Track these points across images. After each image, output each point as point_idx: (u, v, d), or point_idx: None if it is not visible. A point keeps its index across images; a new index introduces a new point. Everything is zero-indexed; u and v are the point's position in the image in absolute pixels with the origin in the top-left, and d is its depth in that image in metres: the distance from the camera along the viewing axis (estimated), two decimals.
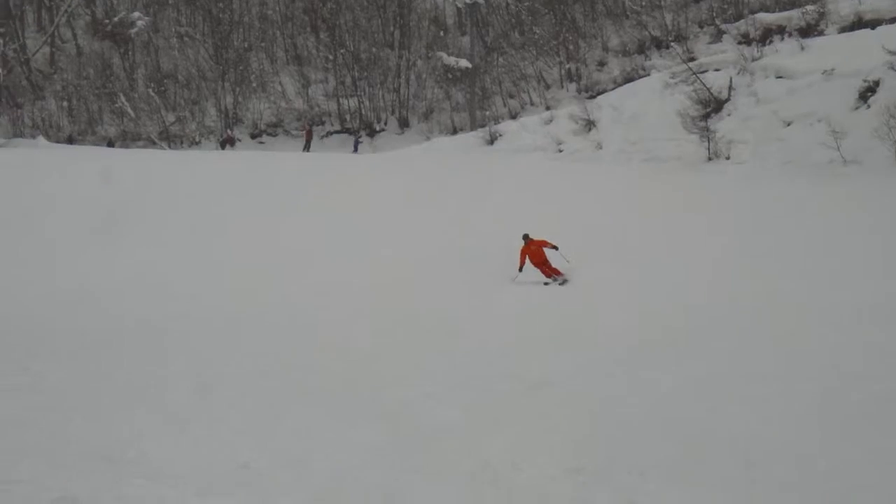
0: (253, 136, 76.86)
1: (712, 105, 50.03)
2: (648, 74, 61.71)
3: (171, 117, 78.19)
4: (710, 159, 46.96)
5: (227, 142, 70.55)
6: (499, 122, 66.03)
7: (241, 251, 29.15)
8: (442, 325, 20.93)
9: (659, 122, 52.03)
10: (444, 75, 76.12)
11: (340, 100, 77.51)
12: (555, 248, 28.14)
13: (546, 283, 27.77)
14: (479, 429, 11.80)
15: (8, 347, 17.12)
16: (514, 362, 16.76)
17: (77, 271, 26.39)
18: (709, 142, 47.30)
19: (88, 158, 47.83)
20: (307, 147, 66.16)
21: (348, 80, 78.03)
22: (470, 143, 58.87)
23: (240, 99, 78.40)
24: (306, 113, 77.21)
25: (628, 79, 64.30)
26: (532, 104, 71.78)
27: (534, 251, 28.27)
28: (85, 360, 16.70)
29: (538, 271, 28.37)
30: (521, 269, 28.06)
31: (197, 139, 76.56)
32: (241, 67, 79.31)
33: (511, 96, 74.21)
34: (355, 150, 62.59)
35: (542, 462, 10.25)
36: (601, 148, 54.03)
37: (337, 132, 76.09)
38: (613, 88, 63.67)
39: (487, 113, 71.83)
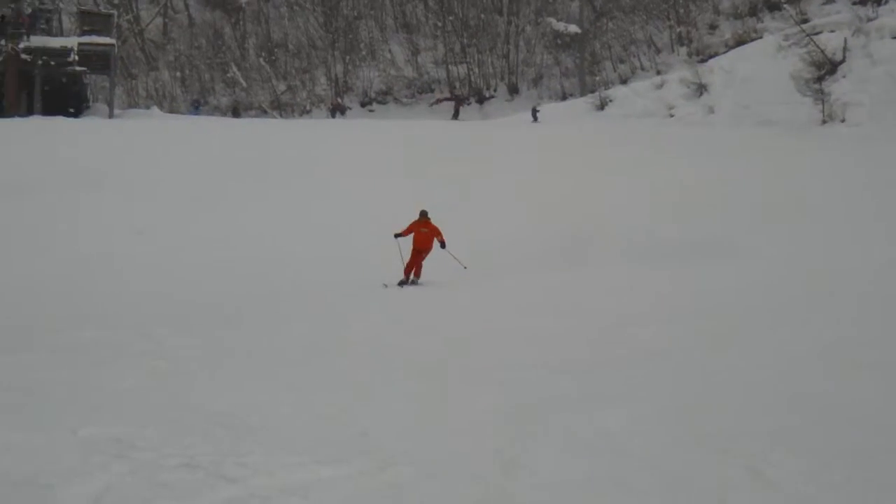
0: (363, 105, 77.27)
1: (826, 67, 49.27)
2: (761, 37, 60.89)
3: (281, 86, 78.83)
4: (824, 122, 46.31)
5: (336, 109, 70.85)
6: (609, 88, 65.69)
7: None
8: (557, 296, 20.94)
9: (772, 85, 51.42)
10: (553, 41, 75.82)
11: (450, 67, 77.54)
12: (442, 243, 24.56)
13: (403, 283, 24.31)
14: (594, 397, 11.80)
15: (139, 315, 17.52)
16: (623, 331, 16.74)
17: (200, 239, 26.76)
18: (823, 104, 46.63)
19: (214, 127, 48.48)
20: (456, 115, 65.06)
21: (457, 47, 78.07)
22: (579, 109, 58.57)
23: (349, 67, 78.81)
24: (416, 80, 77.32)
25: (740, 42, 63.49)
26: (642, 69, 71.22)
27: (425, 234, 24.82)
28: (205, 328, 17.01)
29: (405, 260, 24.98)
30: (402, 235, 25.04)
31: (307, 108, 77.11)
32: (350, 36, 79.72)
33: (621, 61, 73.70)
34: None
35: (660, 430, 10.21)
36: (713, 112, 53.55)
37: (446, 99, 76.14)
38: (725, 52, 62.98)
39: (597, 78, 71.44)
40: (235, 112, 74.34)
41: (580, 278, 23.24)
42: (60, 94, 57.89)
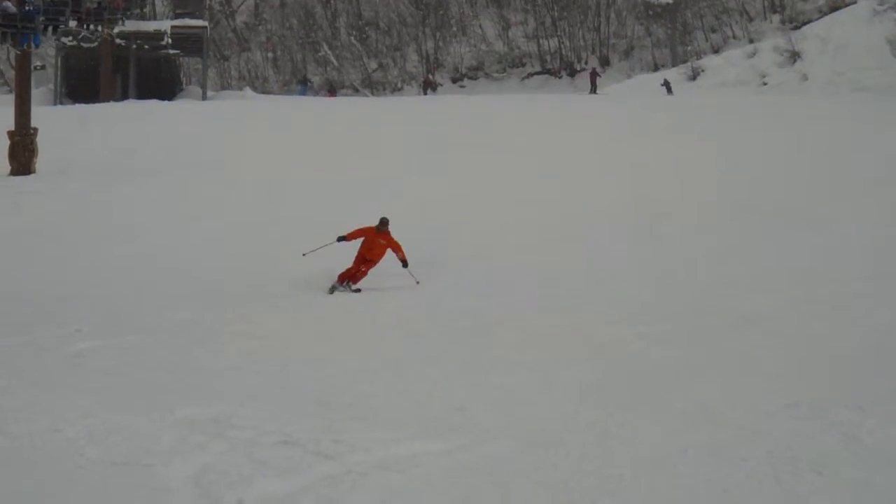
0: (454, 81, 77.30)
1: None
2: (855, 2, 59.92)
3: (373, 64, 79.09)
4: None
5: (428, 86, 70.90)
6: (700, 58, 65.13)
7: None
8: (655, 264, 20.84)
9: (867, 50, 50.73)
10: (644, 12, 75.27)
11: (540, 41, 77.30)
12: (404, 262, 20.60)
13: (334, 288, 20.24)
14: (689, 368, 11.76)
15: (232, 297, 17.70)
16: (716, 299, 16.67)
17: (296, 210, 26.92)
18: None
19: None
20: (594, 89, 63.28)
21: (548, 21, 77.76)
22: (672, 80, 58.05)
23: (440, 44, 78.84)
24: (507, 55, 77.25)
25: (834, 7, 62.56)
26: (734, 38, 70.47)
27: (378, 245, 20.73)
28: (298, 307, 17.17)
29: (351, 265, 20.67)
30: (344, 240, 20.65)
31: (399, 85, 77.32)
32: (440, 12, 79.71)
33: (713, 31, 72.97)
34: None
35: (756, 399, 10.17)
36: (807, 79, 52.95)
37: (537, 73, 75.97)
38: (819, 18, 62.14)
39: (689, 48, 70.84)
40: (332, 90, 74.77)
41: (667, 246, 23.06)
42: (154, 77, 58.66)
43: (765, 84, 54.96)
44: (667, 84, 56.74)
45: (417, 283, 20.32)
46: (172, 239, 24.24)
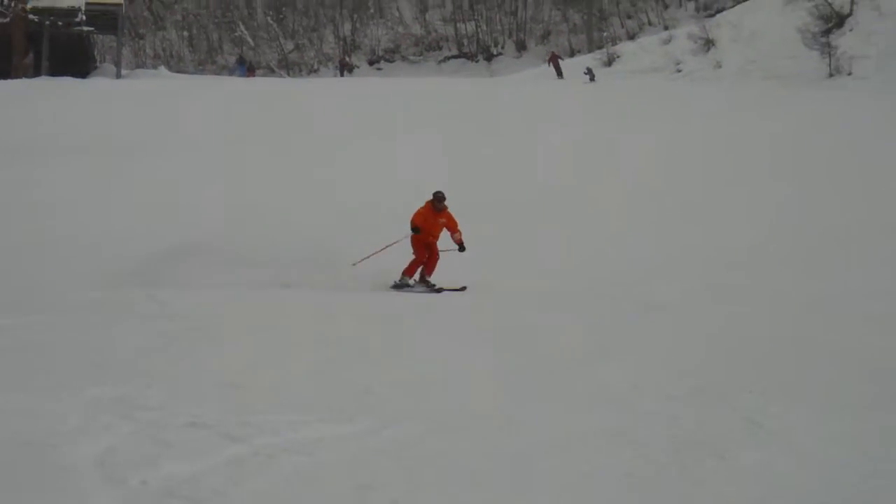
0: (370, 63, 77.20)
1: (834, 20, 49.28)
2: None
3: (289, 45, 78.72)
4: (830, 76, 46.33)
5: (344, 68, 70.69)
6: (616, 44, 65.55)
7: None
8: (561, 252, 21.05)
9: (779, 39, 51.46)
10: None
11: (458, 24, 77.33)
12: (460, 245, 18.80)
13: (399, 285, 18.74)
14: (595, 353, 11.93)
15: (146, 278, 17.63)
16: (622, 286, 16.92)
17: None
18: (830, 58, 46.59)
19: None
20: (559, 73, 61.82)
21: (465, 4, 77.84)
22: (587, 66, 58.36)
23: (357, 25, 78.65)
24: (424, 38, 77.26)
25: None
26: (650, 24, 71.06)
27: (438, 225, 18.90)
28: (213, 289, 17.14)
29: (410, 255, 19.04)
30: (415, 230, 18.61)
31: (315, 66, 77.05)
32: None
33: (629, 17, 73.55)
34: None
35: (662, 383, 10.34)
36: (720, 67, 53.52)
37: (454, 57, 76.03)
38: (733, 6, 62.89)
39: (605, 34, 71.27)
40: (252, 69, 74.36)
41: (573, 233, 23.26)
42: (68, 54, 57.87)
43: (679, 71, 55.47)
44: (590, 72, 56.93)
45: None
46: (89, 217, 24.06)
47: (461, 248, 18.64)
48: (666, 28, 66.37)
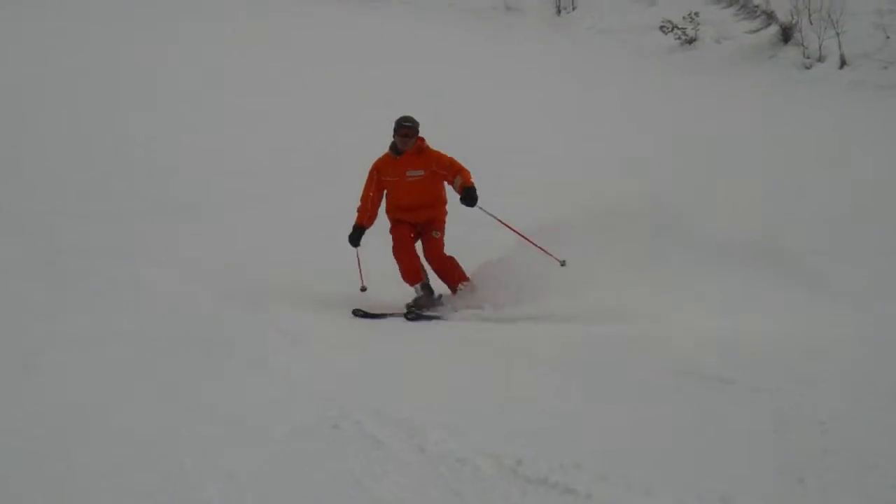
0: None
1: None
2: None
3: None
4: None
5: None
6: None
7: None
8: None
9: None
10: None
11: None
12: (468, 195, 10.70)
13: (417, 309, 10.82)
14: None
15: None
16: None
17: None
18: None
19: None
20: None
21: None
22: None
23: None
24: None
25: None
26: None
27: (416, 184, 11.14)
28: None
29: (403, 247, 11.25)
30: (360, 232, 11.21)
31: None
32: None
33: None
34: None
35: None
36: None
37: None
38: None
39: None
40: None
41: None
42: None
43: None
44: None
45: (563, 263, 10.54)
46: None
47: (466, 195, 10.67)
48: None
